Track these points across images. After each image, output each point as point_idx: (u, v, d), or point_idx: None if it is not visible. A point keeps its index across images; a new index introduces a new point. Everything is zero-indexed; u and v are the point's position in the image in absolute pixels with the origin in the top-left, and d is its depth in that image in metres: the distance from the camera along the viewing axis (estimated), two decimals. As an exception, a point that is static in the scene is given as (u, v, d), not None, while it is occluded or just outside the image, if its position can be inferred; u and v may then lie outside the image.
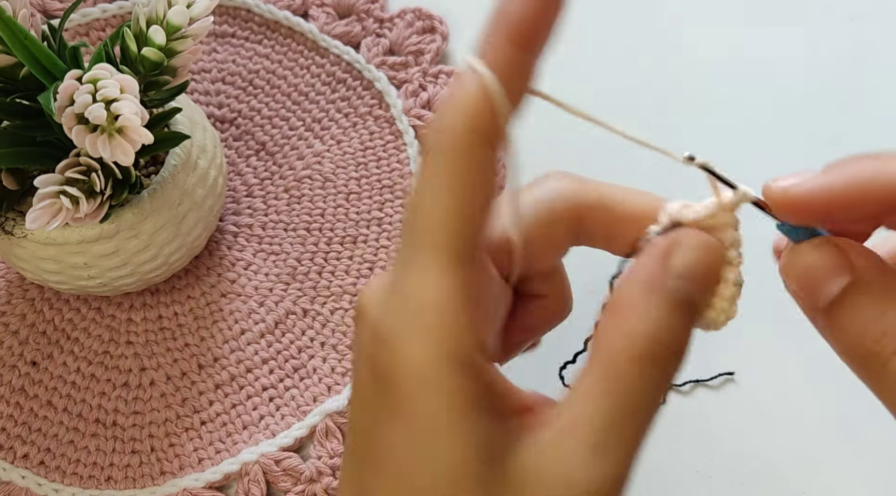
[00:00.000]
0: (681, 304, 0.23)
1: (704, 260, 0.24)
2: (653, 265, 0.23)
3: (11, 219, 0.40)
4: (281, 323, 0.46)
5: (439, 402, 0.22)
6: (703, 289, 0.24)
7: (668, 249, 0.23)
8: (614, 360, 0.23)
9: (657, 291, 0.23)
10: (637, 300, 0.23)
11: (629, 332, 0.23)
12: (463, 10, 0.56)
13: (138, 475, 0.42)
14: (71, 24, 0.54)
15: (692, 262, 0.23)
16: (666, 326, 0.23)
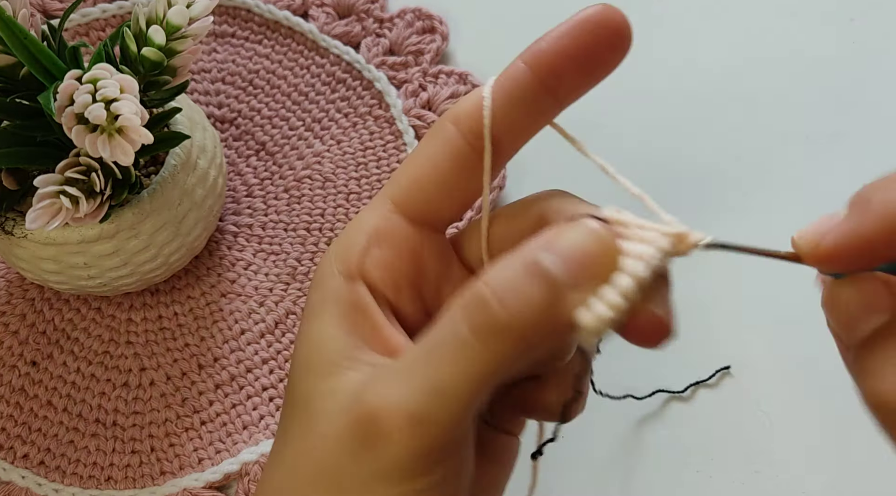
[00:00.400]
0: (539, 273, 0.21)
1: (587, 244, 0.22)
2: (536, 240, 0.22)
3: (11, 219, 0.40)
4: (281, 323, 0.46)
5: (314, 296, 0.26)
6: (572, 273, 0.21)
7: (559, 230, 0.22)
8: (449, 309, 0.22)
9: (519, 256, 0.22)
10: (504, 259, 0.22)
11: (477, 282, 0.22)
12: (463, 10, 0.56)
13: (138, 475, 0.42)
14: (71, 24, 0.54)
15: (572, 242, 0.22)
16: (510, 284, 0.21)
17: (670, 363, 0.44)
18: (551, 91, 0.24)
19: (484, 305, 0.21)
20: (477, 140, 0.25)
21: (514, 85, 0.24)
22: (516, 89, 0.24)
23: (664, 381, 0.44)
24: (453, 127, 0.25)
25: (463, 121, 0.25)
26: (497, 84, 0.25)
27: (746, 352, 0.45)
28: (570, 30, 0.23)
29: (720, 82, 0.54)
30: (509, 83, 0.24)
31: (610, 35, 0.23)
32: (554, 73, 0.24)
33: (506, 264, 0.22)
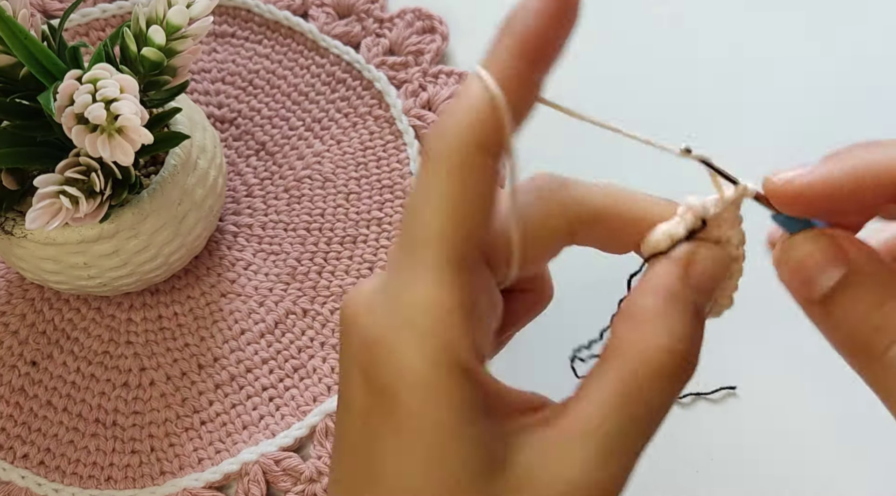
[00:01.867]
0: (698, 316, 0.23)
1: (718, 274, 0.24)
2: (673, 277, 0.24)
3: (11, 219, 0.40)
4: (281, 323, 0.46)
5: (440, 412, 0.21)
6: (711, 298, 0.24)
7: (688, 262, 0.24)
8: (634, 372, 0.23)
9: (679, 305, 0.23)
10: (658, 312, 0.23)
11: (651, 346, 0.23)
12: (463, 10, 0.56)
13: (138, 475, 0.42)
14: (71, 24, 0.54)
15: (710, 276, 0.24)
16: (687, 340, 0.23)
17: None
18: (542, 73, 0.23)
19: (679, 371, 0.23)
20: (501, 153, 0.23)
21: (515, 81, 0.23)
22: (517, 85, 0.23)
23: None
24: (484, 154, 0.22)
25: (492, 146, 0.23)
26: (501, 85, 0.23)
27: (746, 352, 0.45)
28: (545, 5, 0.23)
29: (720, 82, 0.54)
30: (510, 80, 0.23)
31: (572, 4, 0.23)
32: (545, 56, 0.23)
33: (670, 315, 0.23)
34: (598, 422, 0.22)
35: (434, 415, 0.21)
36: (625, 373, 0.23)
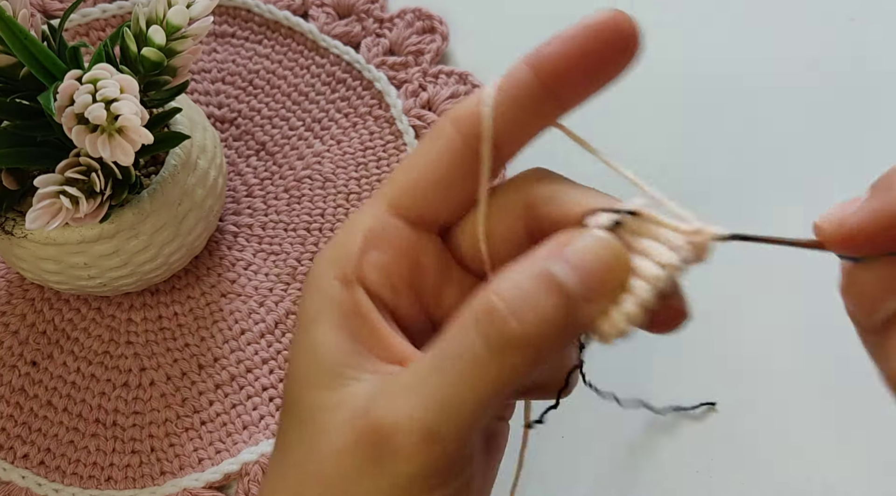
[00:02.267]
0: (552, 286, 0.21)
1: (600, 256, 0.22)
2: (542, 248, 0.22)
3: (11, 219, 0.40)
4: (281, 323, 0.46)
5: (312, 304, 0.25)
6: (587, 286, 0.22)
7: (569, 238, 0.22)
8: (460, 320, 0.22)
9: (530, 265, 0.22)
10: (508, 270, 0.22)
11: (489, 291, 0.22)
12: (463, 10, 0.56)
13: (138, 475, 0.42)
14: (71, 24, 0.54)
15: (585, 254, 0.22)
16: (523, 294, 0.21)
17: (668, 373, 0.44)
18: (554, 94, 0.24)
19: (498, 319, 0.21)
20: (476, 141, 0.24)
21: (516, 87, 0.24)
22: (518, 91, 0.24)
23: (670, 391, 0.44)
24: (452, 128, 0.25)
25: (462, 122, 0.24)
26: (499, 85, 0.24)
27: (747, 353, 0.45)
28: (577, 34, 0.23)
29: (720, 82, 0.54)
30: (511, 85, 0.24)
31: (617, 41, 0.23)
32: (557, 77, 0.23)
33: (517, 274, 0.22)
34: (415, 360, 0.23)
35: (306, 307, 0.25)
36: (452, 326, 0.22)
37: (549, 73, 0.23)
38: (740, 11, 0.57)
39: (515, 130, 0.25)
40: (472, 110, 0.24)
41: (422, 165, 0.25)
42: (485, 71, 0.53)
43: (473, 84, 0.53)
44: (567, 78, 0.23)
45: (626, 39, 0.23)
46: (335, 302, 0.24)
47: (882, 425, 0.42)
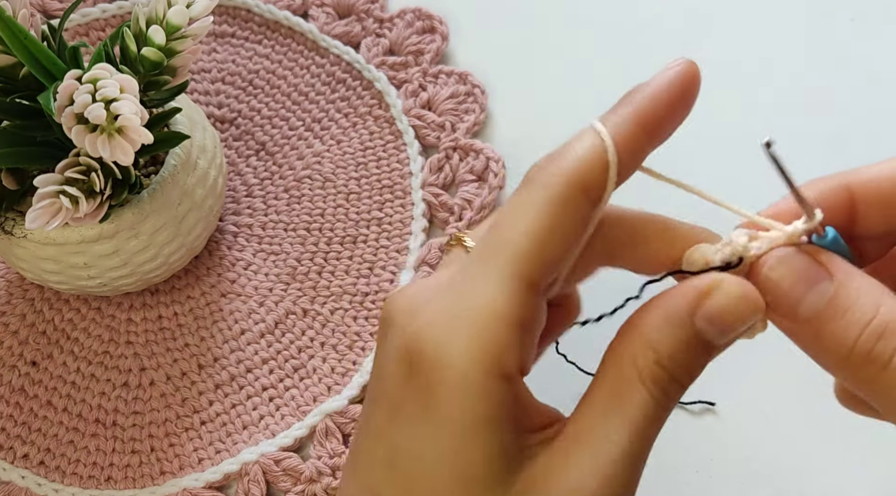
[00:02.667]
0: (699, 343, 0.23)
1: (740, 311, 0.23)
2: (683, 300, 0.23)
3: (11, 219, 0.40)
4: (281, 323, 0.46)
5: (474, 407, 0.22)
6: (728, 333, 0.24)
7: (706, 291, 0.23)
8: (623, 379, 0.23)
9: (678, 325, 0.23)
10: (654, 326, 0.23)
11: (639, 355, 0.23)
12: (463, 10, 0.56)
13: (138, 475, 0.42)
14: (71, 24, 0.54)
15: (726, 311, 0.23)
16: (679, 358, 0.23)
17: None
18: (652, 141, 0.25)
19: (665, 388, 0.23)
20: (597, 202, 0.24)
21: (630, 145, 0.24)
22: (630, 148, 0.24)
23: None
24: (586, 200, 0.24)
25: (595, 192, 0.24)
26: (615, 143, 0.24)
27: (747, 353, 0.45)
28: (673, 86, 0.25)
29: (720, 82, 0.54)
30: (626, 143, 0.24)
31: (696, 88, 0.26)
32: (662, 129, 0.25)
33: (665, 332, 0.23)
34: (599, 431, 0.23)
35: (467, 408, 0.22)
36: (612, 379, 0.24)
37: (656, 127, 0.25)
38: (740, 11, 0.57)
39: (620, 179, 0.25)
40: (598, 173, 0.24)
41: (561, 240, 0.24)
42: (485, 71, 0.53)
43: (473, 84, 0.52)
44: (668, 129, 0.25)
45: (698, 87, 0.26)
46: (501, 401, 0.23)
47: (882, 426, 0.42)
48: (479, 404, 0.22)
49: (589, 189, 0.24)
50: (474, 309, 0.23)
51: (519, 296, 0.23)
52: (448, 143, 0.50)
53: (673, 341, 0.23)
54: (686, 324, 0.23)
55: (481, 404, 0.22)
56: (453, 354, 0.23)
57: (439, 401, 0.23)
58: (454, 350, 0.23)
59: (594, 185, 0.24)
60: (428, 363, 0.23)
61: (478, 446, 0.23)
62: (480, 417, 0.23)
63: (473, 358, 0.23)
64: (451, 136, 0.51)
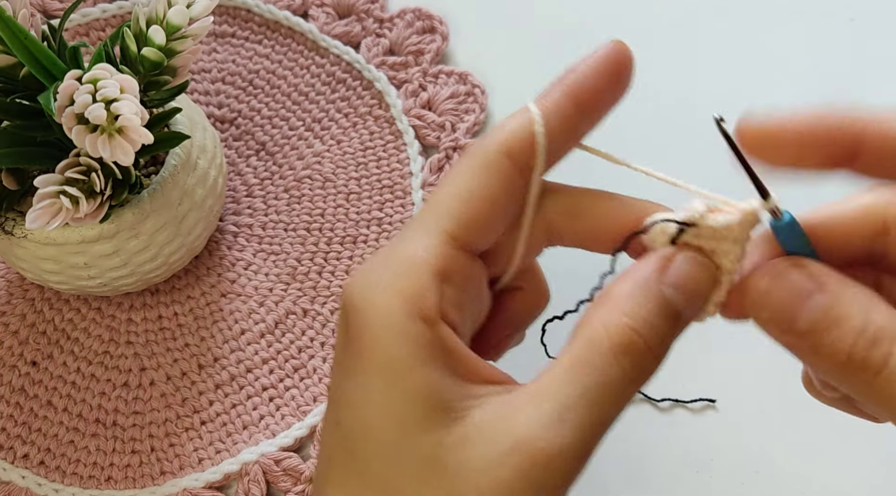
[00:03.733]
0: (668, 311, 0.24)
1: (699, 277, 0.25)
2: (650, 270, 0.24)
3: (11, 219, 0.40)
4: (281, 323, 0.46)
5: (397, 348, 0.24)
6: (692, 304, 0.25)
7: (668, 259, 0.25)
8: (593, 345, 0.24)
9: (648, 292, 0.24)
10: (627, 295, 0.24)
11: (611, 322, 0.24)
12: (463, 10, 0.56)
13: (138, 475, 0.42)
14: (71, 24, 0.54)
15: (688, 277, 0.24)
16: (650, 326, 0.24)
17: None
18: (588, 119, 0.26)
19: (637, 352, 0.24)
20: (527, 172, 0.26)
21: (558, 115, 0.26)
22: (560, 119, 0.26)
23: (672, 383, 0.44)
24: (509, 162, 0.25)
25: (518, 156, 0.25)
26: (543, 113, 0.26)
27: (747, 353, 0.45)
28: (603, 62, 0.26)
29: (720, 82, 0.54)
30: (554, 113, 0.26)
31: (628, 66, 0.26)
32: (592, 103, 0.26)
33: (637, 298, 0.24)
34: (555, 389, 0.23)
35: (391, 351, 0.23)
36: (582, 344, 0.24)
37: (585, 100, 0.26)
38: (740, 11, 0.57)
39: (553, 155, 0.26)
40: (525, 143, 0.25)
41: (483, 200, 0.25)
42: (485, 71, 0.53)
43: (473, 84, 0.53)
44: (599, 103, 0.26)
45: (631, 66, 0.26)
46: (424, 342, 0.24)
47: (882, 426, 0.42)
48: (401, 344, 0.23)
49: (513, 153, 0.25)
50: (398, 259, 0.25)
51: (440, 247, 0.25)
52: (448, 143, 0.50)
53: (645, 307, 0.24)
54: (655, 290, 0.24)
55: (402, 344, 0.23)
56: (374, 299, 0.24)
57: (364, 346, 0.24)
58: (377, 296, 0.24)
59: (518, 149, 0.25)
60: (355, 312, 0.24)
61: (405, 386, 0.23)
62: (403, 356, 0.23)
63: (392, 301, 0.24)
64: (451, 136, 0.51)
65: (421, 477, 0.23)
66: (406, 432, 0.23)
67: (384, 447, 0.24)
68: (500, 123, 0.26)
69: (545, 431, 0.23)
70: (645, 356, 0.24)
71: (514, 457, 0.23)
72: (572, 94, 0.26)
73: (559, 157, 0.27)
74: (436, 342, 0.24)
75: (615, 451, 0.42)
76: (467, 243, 0.25)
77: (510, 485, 0.22)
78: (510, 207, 0.26)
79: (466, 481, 0.23)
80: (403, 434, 0.23)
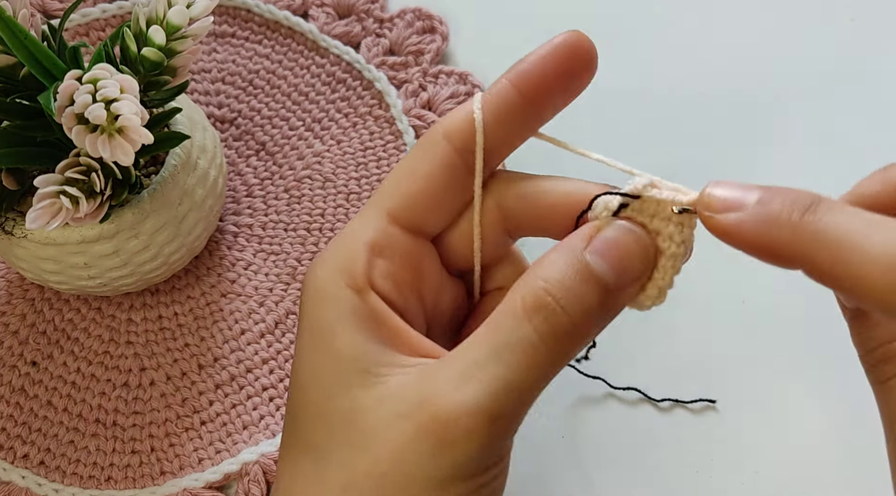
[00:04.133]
0: (589, 277, 0.24)
1: (627, 246, 0.24)
2: (576, 238, 0.25)
3: (11, 219, 0.40)
4: (281, 323, 0.46)
5: (325, 311, 0.25)
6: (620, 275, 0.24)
7: (596, 227, 0.25)
8: (506, 308, 0.24)
9: (569, 258, 0.24)
10: (548, 262, 0.24)
11: (527, 286, 0.24)
12: (463, 10, 0.56)
13: (138, 475, 0.42)
14: (71, 24, 0.54)
15: (613, 244, 0.24)
16: (565, 289, 0.24)
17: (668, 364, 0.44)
18: (535, 107, 0.26)
19: (549, 313, 0.23)
20: (468, 154, 0.26)
21: (501, 102, 0.26)
22: (503, 106, 0.26)
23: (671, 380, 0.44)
24: (446, 142, 0.26)
25: (455, 136, 0.26)
26: (484, 100, 0.26)
27: (747, 353, 0.45)
28: (551, 52, 0.26)
29: (720, 82, 0.54)
30: (496, 100, 0.26)
31: (584, 57, 0.26)
32: (537, 91, 0.26)
33: (557, 264, 0.24)
34: (464, 351, 0.24)
35: (319, 315, 0.25)
36: (498, 310, 0.24)
37: (530, 88, 0.26)
38: (740, 11, 0.57)
39: (500, 141, 0.27)
40: (463, 124, 0.26)
41: (419, 177, 0.27)
42: (485, 71, 0.53)
43: (473, 84, 0.53)
44: (545, 92, 0.26)
45: (589, 56, 0.26)
46: (350, 308, 0.25)
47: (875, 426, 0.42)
48: (328, 308, 0.25)
49: (450, 134, 0.26)
50: (342, 236, 0.27)
51: (375, 222, 0.26)
52: (448, 143, 0.50)
53: (562, 271, 0.24)
54: (577, 255, 0.24)
55: (330, 308, 0.25)
56: (317, 273, 0.26)
57: (303, 313, 0.26)
58: (317, 270, 0.26)
59: (456, 130, 0.26)
60: (304, 287, 0.26)
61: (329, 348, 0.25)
62: (330, 320, 0.25)
63: (327, 272, 0.26)
64: (451, 136, 0.51)
65: (336, 432, 0.24)
66: (328, 392, 0.25)
67: (310, 405, 0.25)
68: None
69: (450, 388, 0.23)
70: (559, 317, 0.23)
71: (417, 413, 0.23)
72: (517, 82, 0.26)
73: (511, 146, 0.27)
74: (363, 309, 0.25)
75: (615, 451, 0.42)
76: (409, 221, 0.27)
77: (412, 437, 0.23)
78: (453, 189, 0.27)
79: (374, 436, 0.24)
80: (325, 393, 0.25)
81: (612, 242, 0.24)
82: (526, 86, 0.26)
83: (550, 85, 0.26)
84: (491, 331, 0.24)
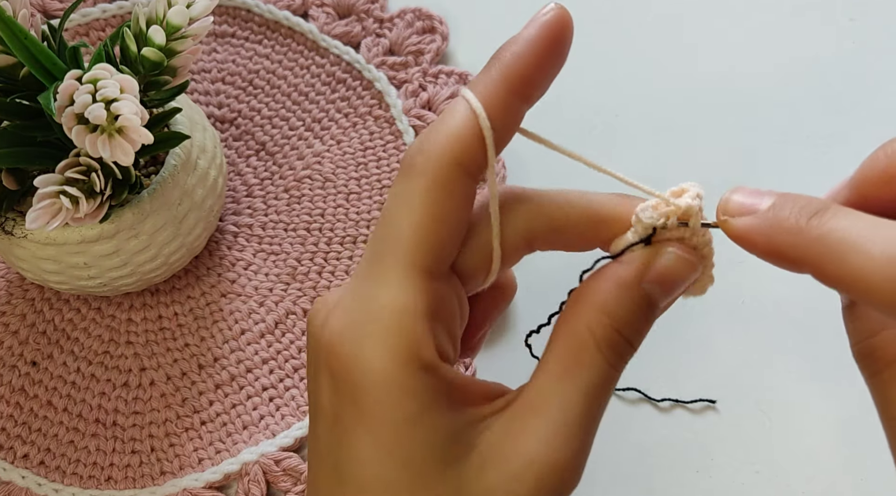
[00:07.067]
0: (648, 304, 0.25)
1: (680, 269, 0.25)
2: (631, 268, 0.25)
3: (11, 219, 0.40)
4: (281, 323, 0.46)
5: (403, 403, 0.23)
6: (671, 295, 0.25)
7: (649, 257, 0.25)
8: (582, 349, 0.24)
9: (628, 289, 0.25)
10: (604, 292, 0.24)
11: (592, 321, 0.24)
12: (463, 10, 0.56)
13: (138, 475, 0.42)
14: (71, 24, 0.54)
15: (671, 271, 0.25)
16: (629, 324, 0.24)
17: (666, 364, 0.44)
18: (527, 101, 0.25)
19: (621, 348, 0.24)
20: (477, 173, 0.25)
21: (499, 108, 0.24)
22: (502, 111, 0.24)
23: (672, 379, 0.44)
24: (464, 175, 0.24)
25: (468, 164, 0.24)
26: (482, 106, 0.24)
27: (747, 353, 0.45)
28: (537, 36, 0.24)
29: (720, 82, 0.54)
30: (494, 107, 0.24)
31: (567, 34, 0.24)
32: (528, 83, 0.24)
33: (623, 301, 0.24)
34: (551, 397, 0.24)
35: (397, 405, 0.23)
36: (568, 348, 0.24)
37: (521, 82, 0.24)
38: (740, 11, 0.57)
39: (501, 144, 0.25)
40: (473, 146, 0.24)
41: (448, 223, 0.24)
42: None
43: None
44: (537, 86, 0.25)
45: (569, 31, 0.25)
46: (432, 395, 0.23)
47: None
48: (406, 400, 0.23)
49: (467, 165, 0.24)
50: (379, 308, 0.23)
51: (418, 286, 0.24)
52: (448, 143, 0.50)
53: (626, 306, 0.24)
54: (636, 289, 0.25)
55: (407, 400, 0.23)
56: (369, 357, 0.23)
57: (366, 404, 0.23)
58: (369, 352, 0.23)
59: (471, 160, 0.24)
60: (347, 370, 0.23)
61: (416, 438, 0.23)
62: (410, 413, 0.23)
63: (387, 356, 0.23)
64: (451, 136, 0.51)
65: None
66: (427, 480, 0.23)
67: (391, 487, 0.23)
68: (438, 121, 0.24)
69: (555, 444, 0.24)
70: (626, 350, 0.25)
71: (528, 475, 0.23)
72: (512, 80, 0.24)
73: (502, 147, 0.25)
74: (437, 385, 0.24)
75: (615, 451, 0.42)
76: (442, 268, 0.25)
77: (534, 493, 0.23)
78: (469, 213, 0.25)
79: None
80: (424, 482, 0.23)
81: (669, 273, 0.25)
82: (523, 85, 0.24)
83: (544, 76, 0.25)
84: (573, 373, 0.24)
